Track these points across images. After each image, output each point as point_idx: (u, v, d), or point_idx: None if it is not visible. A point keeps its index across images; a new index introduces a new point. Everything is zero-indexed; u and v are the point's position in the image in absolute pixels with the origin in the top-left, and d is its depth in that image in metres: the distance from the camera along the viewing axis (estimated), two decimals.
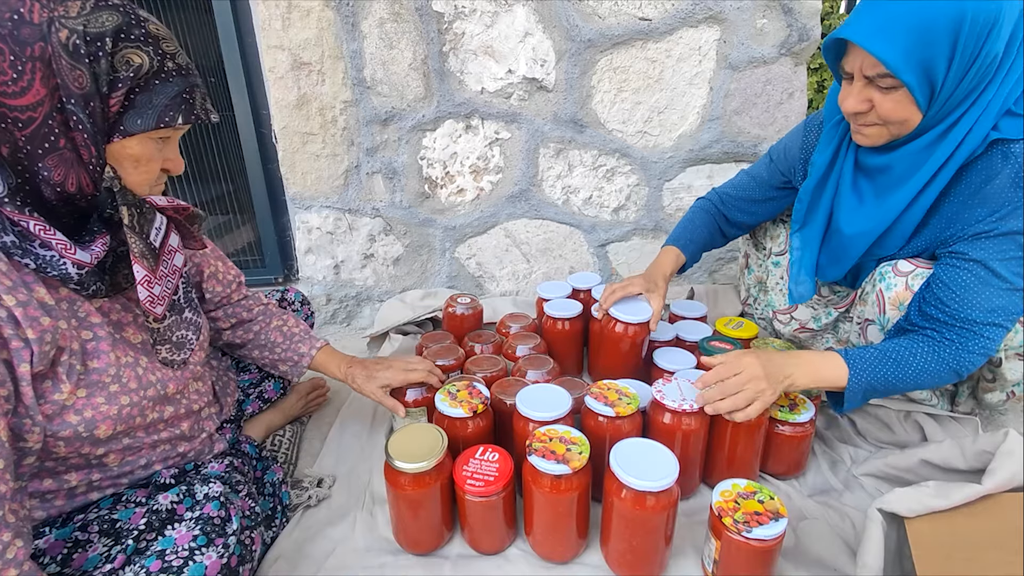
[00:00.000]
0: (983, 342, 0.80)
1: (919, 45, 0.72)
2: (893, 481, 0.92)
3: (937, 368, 0.81)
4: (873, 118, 0.81)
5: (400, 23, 1.40)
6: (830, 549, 0.82)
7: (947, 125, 0.79)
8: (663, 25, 1.42)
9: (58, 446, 0.65)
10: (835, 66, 0.84)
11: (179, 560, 0.64)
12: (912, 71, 0.73)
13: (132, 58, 0.61)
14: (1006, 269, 0.79)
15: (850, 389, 0.83)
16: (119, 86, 0.60)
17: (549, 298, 1.32)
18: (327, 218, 1.59)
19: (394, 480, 0.80)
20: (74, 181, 0.62)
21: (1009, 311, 0.80)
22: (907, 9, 0.71)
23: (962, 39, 0.71)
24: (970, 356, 0.81)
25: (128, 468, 0.74)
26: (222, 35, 1.44)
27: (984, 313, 0.79)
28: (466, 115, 1.50)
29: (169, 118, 0.64)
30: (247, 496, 0.81)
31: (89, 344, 0.67)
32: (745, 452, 0.91)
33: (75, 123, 0.60)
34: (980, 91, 0.76)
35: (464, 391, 0.95)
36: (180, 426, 0.80)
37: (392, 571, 0.82)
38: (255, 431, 1.07)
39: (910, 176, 0.83)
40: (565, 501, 0.77)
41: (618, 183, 1.58)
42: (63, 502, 0.71)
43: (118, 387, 0.69)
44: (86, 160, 0.62)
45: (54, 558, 0.66)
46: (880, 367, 0.82)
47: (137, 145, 0.65)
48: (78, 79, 0.58)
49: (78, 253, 0.63)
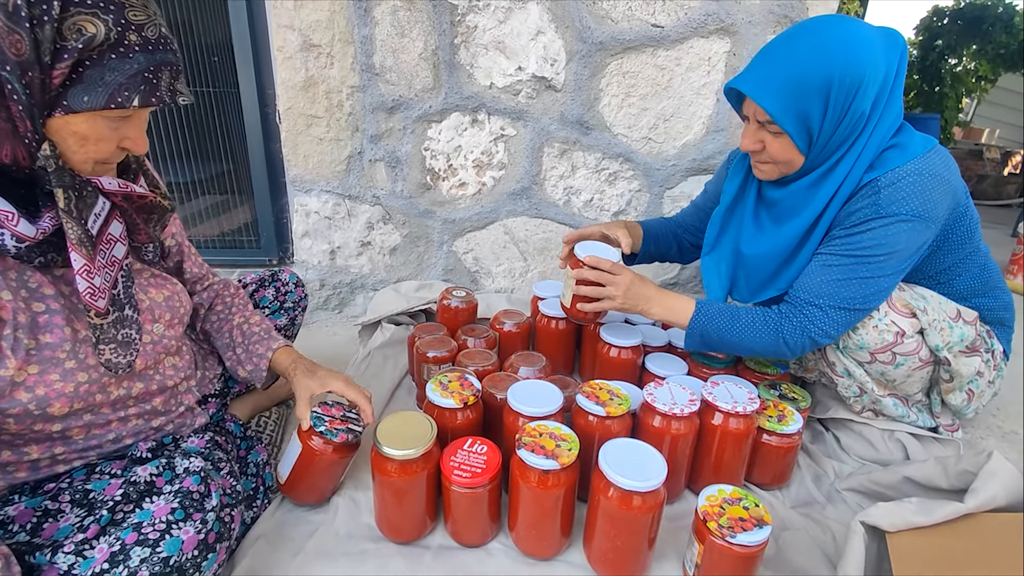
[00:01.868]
0: (802, 319, 0.92)
1: (796, 99, 0.85)
2: (876, 497, 0.93)
3: (762, 330, 0.94)
4: (765, 157, 0.95)
5: (413, 12, 1.40)
6: (810, 560, 0.83)
7: (827, 167, 0.92)
8: (674, 33, 1.42)
9: (7, 423, 0.62)
10: (737, 107, 0.97)
11: (155, 533, 0.63)
12: (791, 121, 0.86)
13: (85, 26, 0.54)
14: (840, 262, 0.90)
15: (689, 328, 0.99)
16: (64, 57, 0.54)
17: (544, 297, 1.32)
18: (326, 203, 1.58)
19: (381, 466, 0.79)
20: (8, 152, 0.56)
21: (835, 296, 0.90)
22: (787, 69, 0.85)
23: (832, 96, 0.84)
24: (789, 327, 0.93)
25: (95, 442, 0.72)
26: (232, 11, 1.43)
27: (808, 294, 0.92)
28: (473, 109, 1.50)
29: (123, 99, 0.57)
30: (228, 474, 0.80)
31: (41, 317, 0.63)
32: (732, 460, 0.92)
33: (9, 92, 0.53)
34: (853, 140, 0.89)
35: (455, 382, 0.94)
36: (151, 402, 0.77)
37: (373, 558, 0.82)
38: (241, 410, 1.06)
39: (800, 209, 0.96)
40: (551, 497, 0.76)
41: (620, 187, 1.59)
42: (26, 474, 0.68)
43: (74, 363, 0.65)
44: (21, 133, 0.56)
45: (23, 526, 0.64)
46: (719, 317, 0.97)
47: (84, 123, 0.58)
48: (16, 44, 0.51)
49: (21, 225, 0.57)
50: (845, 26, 0.84)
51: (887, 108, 0.88)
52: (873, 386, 1.00)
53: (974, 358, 0.97)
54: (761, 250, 1.02)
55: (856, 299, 0.90)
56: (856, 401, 1.04)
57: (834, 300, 0.90)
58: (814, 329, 0.91)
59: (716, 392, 0.91)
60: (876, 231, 0.87)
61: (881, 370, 0.97)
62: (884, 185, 0.87)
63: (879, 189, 0.87)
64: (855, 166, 0.89)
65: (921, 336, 0.94)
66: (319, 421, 0.85)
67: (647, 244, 1.24)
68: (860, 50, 0.82)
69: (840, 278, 0.89)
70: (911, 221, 0.86)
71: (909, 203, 0.86)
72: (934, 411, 1.05)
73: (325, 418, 0.86)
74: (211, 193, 1.69)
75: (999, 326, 1.05)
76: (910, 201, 0.86)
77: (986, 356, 1.00)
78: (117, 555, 0.60)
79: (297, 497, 0.90)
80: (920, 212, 0.86)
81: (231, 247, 1.71)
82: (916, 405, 1.06)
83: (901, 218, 0.86)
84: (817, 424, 1.16)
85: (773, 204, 1.01)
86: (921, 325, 0.93)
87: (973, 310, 0.98)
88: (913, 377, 0.98)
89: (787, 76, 0.84)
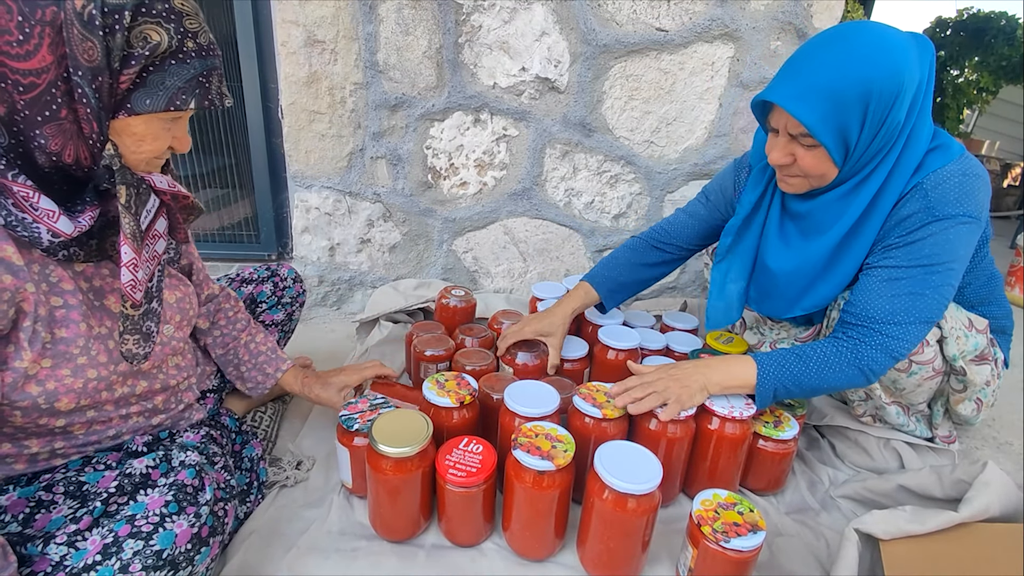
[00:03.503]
0: (882, 339, 0.85)
1: (835, 112, 0.80)
2: (870, 504, 0.93)
3: (839, 363, 0.86)
4: (795, 171, 0.90)
5: (418, 10, 1.40)
6: (804, 566, 0.83)
7: (860, 179, 0.89)
8: (679, 37, 1.43)
9: (14, 415, 0.62)
10: (762, 119, 0.93)
11: (149, 526, 0.63)
12: (829, 134, 0.82)
13: (150, 35, 0.57)
14: (908, 274, 0.85)
15: (760, 386, 0.88)
16: (132, 63, 0.57)
17: (543, 298, 1.32)
18: (327, 199, 1.58)
19: (375, 464, 0.79)
20: (71, 152, 0.59)
21: (912, 311, 0.84)
22: (824, 79, 0.80)
23: (871, 107, 0.80)
24: (870, 352, 0.85)
25: (95, 437, 0.72)
26: (236, 6, 1.43)
27: (883, 312, 0.85)
28: (476, 108, 1.50)
29: (181, 102, 0.61)
30: (223, 468, 0.80)
31: (58, 311, 0.64)
32: (727, 465, 0.92)
33: (79, 96, 0.57)
34: (888, 150, 0.86)
35: (452, 381, 0.94)
36: (154, 400, 0.77)
37: (365, 556, 0.81)
38: (236, 405, 1.05)
39: (831, 222, 0.92)
40: (546, 498, 0.76)
41: (621, 190, 1.59)
42: (24, 466, 0.68)
43: (86, 360, 0.65)
44: (87, 134, 0.59)
45: (15, 516, 0.64)
46: (786, 365, 0.88)
47: (142, 124, 0.61)
48: (88, 51, 0.55)
49: (60, 222, 0.59)
50: (880, 33, 0.80)
51: (920, 116, 0.85)
52: (881, 392, 0.99)
53: (984, 366, 0.97)
54: (791, 265, 0.97)
55: (932, 310, 0.85)
56: (860, 404, 1.04)
57: (911, 315, 0.84)
58: (896, 346, 0.85)
59: (713, 397, 0.91)
60: (937, 236, 0.83)
61: (894, 377, 0.95)
62: (931, 187, 0.84)
63: (926, 191, 0.84)
64: (892, 175, 0.86)
65: (939, 346, 0.93)
66: (351, 422, 0.87)
67: (613, 300, 1.18)
68: (898, 59, 0.79)
69: (912, 291, 0.84)
70: (969, 223, 0.83)
71: (963, 204, 0.83)
72: (933, 422, 1.05)
73: (355, 416, 0.88)
74: (211, 187, 1.69)
75: (1000, 334, 1.05)
76: (963, 202, 0.83)
77: (991, 365, 1.00)
78: (110, 547, 0.60)
79: None
80: (974, 213, 0.83)
81: (231, 241, 1.71)
82: (916, 415, 1.05)
83: (960, 220, 0.83)
84: (813, 431, 1.16)
85: (800, 217, 0.97)
86: (942, 334, 0.92)
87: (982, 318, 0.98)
88: (923, 387, 0.97)
89: (824, 86, 0.79)
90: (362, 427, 0.86)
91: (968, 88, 6.59)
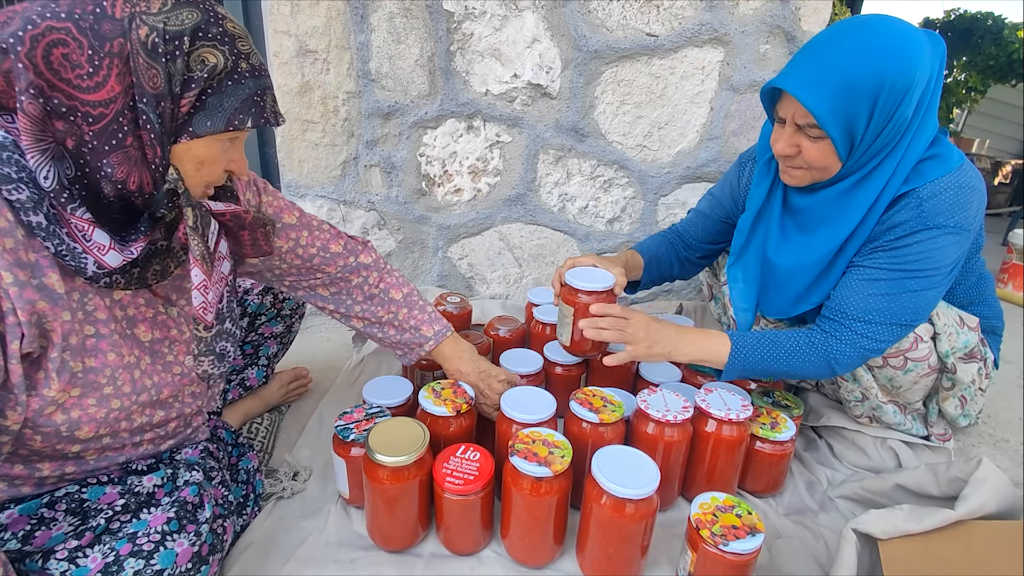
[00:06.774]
0: (853, 336, 0.87)
1: (844, 103, 0.79)
2: (868, 504, 0.93)
3: (809, 354, 0.89)
4: (800, 162, 0.89)
5: (410, 19, 1.40)
6: (803, 568, 0.83)
7: (861, 176, 0.88)
8: (669, 42, 1.44)
9: (35, 439, 0.62)
10: (770, 109, 0.91)
11: (150, 544, 0.63)
12: (837, 125, 0.81)
13: (207, 57, 0.58)
14: (888, 276, 0.86)
15: (729, 366, 0.92)
16: (192, 87, 0.58)
17: (539, 303, 1.32)
18: (321, 208, 1.58)
19: (372, 473, 0.79)
20: (136, 180, 0.60)
21: (886, 312, 0.86)
22: (836, 69, 0.79)
23: (880, 101, 0.79)
24: (839, 346, 0.88)
25: (105, 464, 0.72)
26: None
27: (858, 310, 0.87)
28: (468, 115, 1.50)
29: (239, 121, 0.62)
30: (220, 484, 0.79)
31: (89, 340, 0.64)
32: (725, 467, 0.92)
33: (144, 122, 0.58)
34: (892, 148, 0.85)
35: (448, 390, 0.94)
36: (167, 427, 0.77)
37: (363, 567, 0.81)
38: (233, 417, 1.05)
39: (832, 218, 0.92)
40: (544, 504, 0.76)
41: (615, 194, 1.60)
42: (31, 489, 0.68)
43: (112, 389, 0.65)
44: (150, 159, 0.60)
45: (15, 534, 0.63)
46: (759, 349, 0.91)
47: (203, 147, 0.62)
48: (153, 78, 0.56)
49: (109, 255, 0.60)
50: (897, 27, 0.79)
51: (926, 116, 0.85)
52: (877, 391, 0.99)
53: (972, 364, 0.98)
54: (790, 261, 0.97)
55: (907, 313, 0.86)
56: (857, 405, 1.05)
57: (885, 315, 0.86)
58: (867, 344, 0.87)
59: (709, 399, 0.92)
60: (923, 244, 0.84)
61: (890, 375, 0.96)
62: (926, 197, 0.84)
63: (921, 201, 0.84)
64: (893, 175, 0.86)
65: (932, 342, 0.94)
66: (347, 432, 0.86)
67: (649, 272, 1.19)
68: (912, 54, 0.78)
69: (889, 292, 0.86)
70: (957, 234, 0.84)
71: (954, 215, 0.83)
72: (929, 420, 1.06)
73: (351, 426, 0.88)
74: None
75: (991, 334, 1.06)
76: (955, 214, 0.83)
77: (979, 364, 1.00)
78: (111, 566, 0.60)
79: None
80: (964, 225, 0.84)
81: None
82: (912, 414, 1.06)
83: (948, 231, 0.83)
84: (810, 431, 1.17)
85: (799, 212, 0.97)
86: (935, 330, 0.93)
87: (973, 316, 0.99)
88: (919, 384, 0.97)
89: (836, 77, 0.78)
90: (358, 437, 0.85)
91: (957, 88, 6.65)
